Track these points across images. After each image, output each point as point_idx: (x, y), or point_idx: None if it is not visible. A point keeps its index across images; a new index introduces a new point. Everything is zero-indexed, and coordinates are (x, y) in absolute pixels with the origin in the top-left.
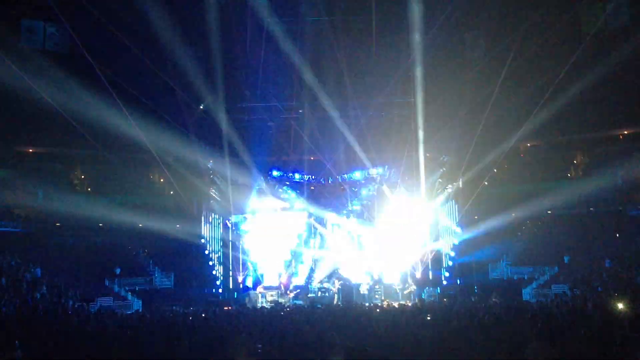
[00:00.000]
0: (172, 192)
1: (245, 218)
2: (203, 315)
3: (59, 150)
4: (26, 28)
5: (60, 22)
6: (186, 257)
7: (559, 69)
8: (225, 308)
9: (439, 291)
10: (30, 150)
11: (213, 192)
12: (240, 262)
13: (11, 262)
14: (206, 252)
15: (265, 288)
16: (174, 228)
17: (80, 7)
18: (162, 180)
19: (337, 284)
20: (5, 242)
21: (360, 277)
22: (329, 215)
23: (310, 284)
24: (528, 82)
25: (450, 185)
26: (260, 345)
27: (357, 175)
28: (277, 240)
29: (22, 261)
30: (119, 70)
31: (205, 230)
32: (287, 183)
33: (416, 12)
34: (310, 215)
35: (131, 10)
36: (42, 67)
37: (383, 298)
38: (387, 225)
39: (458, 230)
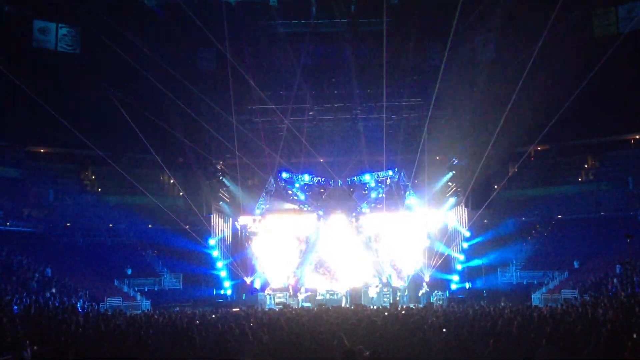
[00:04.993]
0: (181, 194)
1: (254, 220)
2: (212, 316)
3: (70, 151)
4: (39, 29)
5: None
6: (195, 258)
7: (570, 72)
8: (234, 310)
9: (447, 295)
10: (42, 150)
11: (222, 194)
12: (249, 264)
13: (22, 262)
14: (215, 253)
15: (274, 290)
16: (184, 229)
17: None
18: (171, 181)
19: (346, 286)
20: (16, 242)
21: (369, 280)
22: (338, 218)
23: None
24: (539, 85)
25: (460, 189)
26: (267, 347)
27: (367, 178)
28: (286, 243)
29: (33, 261)
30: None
31: (214, 231)
32: (297, 185)
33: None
34: (319, 217)
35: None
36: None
37: (391, 301)
38: (396, 228)
39: (467, 234)
